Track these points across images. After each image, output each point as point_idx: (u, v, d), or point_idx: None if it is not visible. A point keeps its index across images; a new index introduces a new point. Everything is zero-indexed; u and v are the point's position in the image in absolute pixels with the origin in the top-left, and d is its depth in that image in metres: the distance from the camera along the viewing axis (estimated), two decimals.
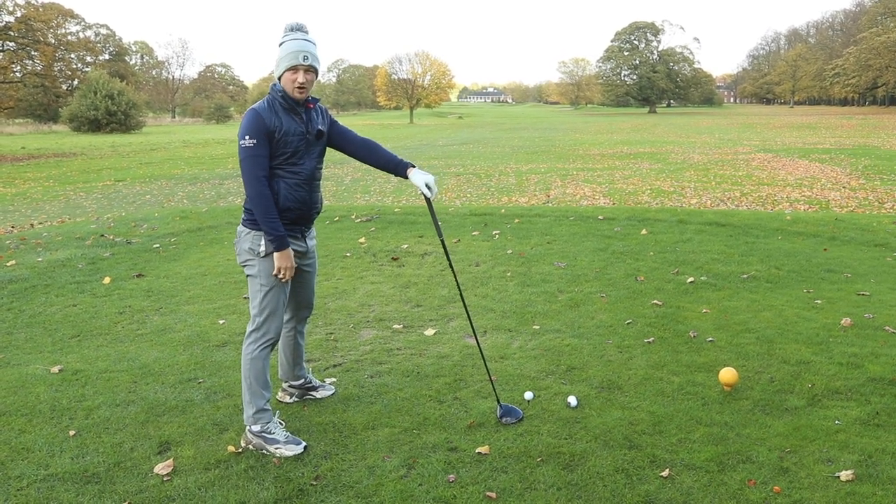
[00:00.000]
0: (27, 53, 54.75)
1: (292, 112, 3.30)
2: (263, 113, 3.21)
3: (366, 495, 2.94)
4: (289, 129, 3.26)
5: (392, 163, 3.52)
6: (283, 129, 3.24)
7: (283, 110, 3.27)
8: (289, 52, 3.23)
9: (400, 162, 3.52)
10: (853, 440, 3.30)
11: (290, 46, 3.23)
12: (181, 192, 16.07)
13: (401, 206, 10.99)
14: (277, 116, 3.24)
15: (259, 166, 3.20)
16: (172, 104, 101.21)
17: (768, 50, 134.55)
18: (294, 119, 3.29)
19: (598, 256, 7.20)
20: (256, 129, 3.18)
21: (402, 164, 3.51)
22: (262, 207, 3.21)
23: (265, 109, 3.23)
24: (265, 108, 3.24)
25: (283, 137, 3.24)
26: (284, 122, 3.25)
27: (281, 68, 3.25)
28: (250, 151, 3.18)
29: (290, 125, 3.26)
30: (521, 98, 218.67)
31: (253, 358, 3.37)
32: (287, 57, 3.22)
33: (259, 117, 3.19)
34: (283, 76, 3.25)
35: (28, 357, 4.64)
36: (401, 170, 3.50)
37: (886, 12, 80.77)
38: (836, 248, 7.49)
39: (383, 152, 3.56)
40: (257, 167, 3.19)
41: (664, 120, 63.89)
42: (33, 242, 8.37)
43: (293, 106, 3.29)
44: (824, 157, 21.47)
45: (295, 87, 3.24)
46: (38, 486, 3.03)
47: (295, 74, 3.23)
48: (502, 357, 4.49)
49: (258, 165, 3.19)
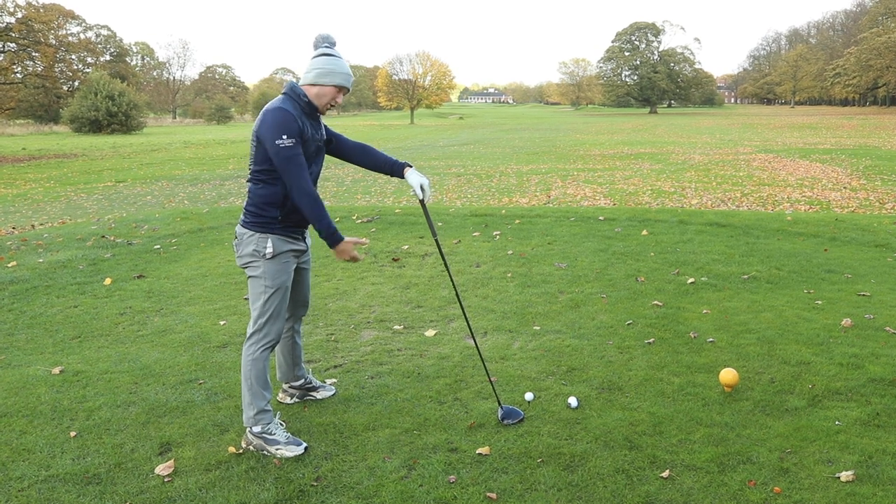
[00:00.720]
0: (28, 54, 54.81)
1: (312, 118, 3.35)
2: (295, 112, 3.23)
3: (366, 496, 2.94)
4: (310, 135, 3.30)
5: (388, 164, 3.58)
6: (308, 134, 3.28)
7: (305, 115, 3.31)
8: (344, 73, 3.31)
9: (395, 162, 3.57)
10: (853, 441, 3.30)
11: (342, 66, 3.32)
12: (182, 193, 16.08)
13: (401, 208, 11.00)
14: (303, 119, 3.27)
15: (303, 166, 3.22)
16: (173, 105, 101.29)
17: (769, 50, 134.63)
18: (313, 125, 3.34)
19: (599, 257, 7.20)
20: (292, 130, 3.18)
21: (397, 164, 3.57)
22: (313, 207, 3.23)
23: (294, 109, 3.25)
24: (293, 108, 3.25)
25: (307, 142, 3.28)
26: (307, 126, 3.29)
27: (328, 81, 3.28)
28: (292, 151, 3.17)
29: (310, 130, 3.31)
30: (522, 99, 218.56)
31: (254, 359, 3.37)
32: (341, 76, 3.30)
33: (293, 118, 3.20)
34: (327, 89, 3.29)
35: (29, 358, 4.64)
36: (397, 169, 3.56)
37: (887, 13, 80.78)
38: (837, 249, 7.49)
39: (378, 154, 3.61)
40: (302, 167, 3.21)
41: (665, 120, 63.88)
42: (34, 243, 8.38)
43: (313, 113, 3.35)
44: (825, 158, 21.47)
45: (330, 103, 3.33)
46: (40, 487, 3.04)
47: (339, 93, 3.33)
48: (503, 358, 4.49)
49: (302, 165, 3.21)
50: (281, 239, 3.34)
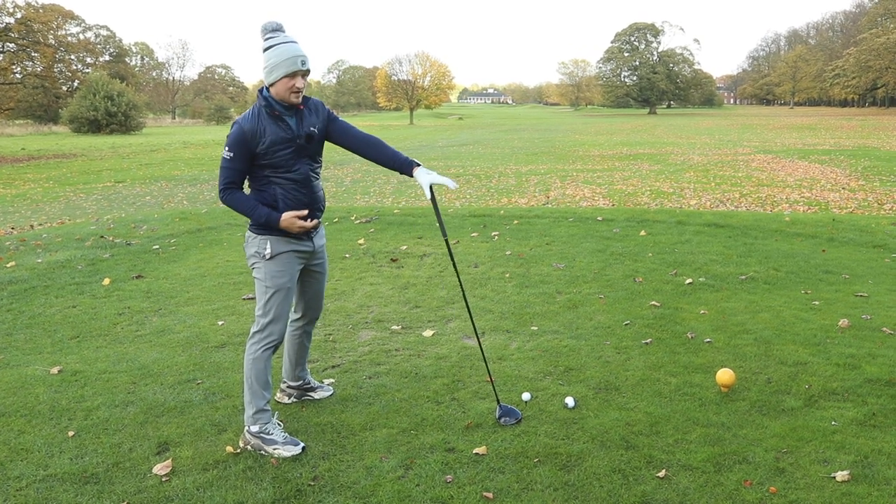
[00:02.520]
0: (27, 55, 54.84)
1: (278, 121, 3.25)
2: (246, 125, 3.20)
3: (363, 496, 2.95)
4: (274, 139, 3.22)
5: (398, 161, 3.41)
6: (268, 140, 3.21)
7: (270, 119, 3.23)
8: (287, 58, 3.16)
9: (405, 160, 3.40)
10: (849, 441, 3.31)
11: (283, 51, 3.17)
12: (181, 194, 16.09)
13: (400, 208, 11.01)
14: (262, 126, 3.21)
15: (227, 178, 3.27)
16: (173, 105, 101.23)
17: (768, 51, 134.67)
18: (280, 127, 3.24)
19: (597, 257, 7.21)
20: (233, 142, 3.22)
21: (407, 162, 3.40)
22: (240, 209, 3.29)
23: (248, 121, 3.22)
24: (249, 119, 3.23)
25: (269, 148, 3.21)
26: (269, 131, 3.21)
27: (277, 74, 3.17)
28: (224, 163, 3.27)
29: (275, 134, 3.22)
30: (521, 99, 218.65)
31: (255, 358, 3.38)
32: (285, 63, 3.15)
33: (241, 130, 3.20)
34: (280, 82, 3.18)
35: (27, 358, 4.65)
36: (406, 168, 3.40)
37: (886, 13, 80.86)
38: (835, 250, 7.50)
39: (388, 149, 3.44)
40: (225, 178, 3.27)
41: (664, 121, 63.91)
42: (33, 244, 8.38)
43: (281, 113, 3.25)
44: (824, 159, 21.49)
45: (292, 93, 3.20)
46: (38, 487, 3.05)
47: (293, 80, 3.18)
48: (500, 358, 4.50)
49: (225, 177, 3.27)
50: (280, 240, 3.34)
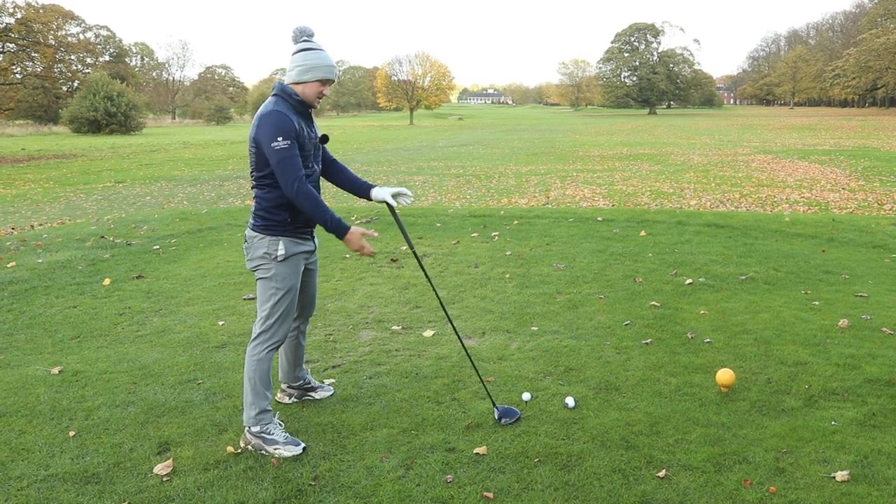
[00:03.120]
0: (27, 55, 54.81)
1: (305, 117, 3.35)
2: (289, 113, 3.23)
3: (364, 496, 2.96)
4: (305, 133, 3.31)
5: (356, 184, 3.67)
6: (304, 133, 3.29)
7: (298, 114, 3.31)
8: (324, 65, 3.28)
9: (363, 184, 3.66)
10: (849, 441, 3.31)
11: (322, 58, 3.28)
12: (181, 194, 16.09)
13: (400, 208, 11.00)
14: (296, 119, 3.27)
15: (298, 167, 3.21)
16: (173, 105, 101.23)
17: (768, 51, 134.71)
18: (305, 124, 3.34)
19: (597, 258, 7.22)
20: (287, 131, 3.18)
21: (364, 185, 3.66)
22: (313, 205, 3.24)
23: (286, 110, 3.25)
24: (285, 109, 3.25)
25: (303, 141, 3.29)
26: (302, 124, 3.29)
27: (313, 75, 3.27)
28: (287, 152, 3.18)
29: (305, 129, 3.31)
30: (521, 99, 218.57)
31: (259, 359, 3.39)
32: (322, 69, 3.27)
33: (288, 118, 3.20)
34: (311, 84, 3.28)
35: (28, 358, 4.65)
36: (363, 191, 3.64)
37: (886, 14, 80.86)
38: (835, 250, 7.51)
39: (349, 174, 3.70)
40: (297, 168, 3.20)
41: (664, 121, 63.91)
42: (33, 244, 8.39)
43: (305, 110, 3.35)
44: (824, 159, 21.49)
45: (317, 98, 3.33)
46: (39, 487, 3.05)
47: (324, 87, 3.32)
48: (500, 358, 4.50)
49: (297, 166, 3.20)
50: (292, 241, 3.37)
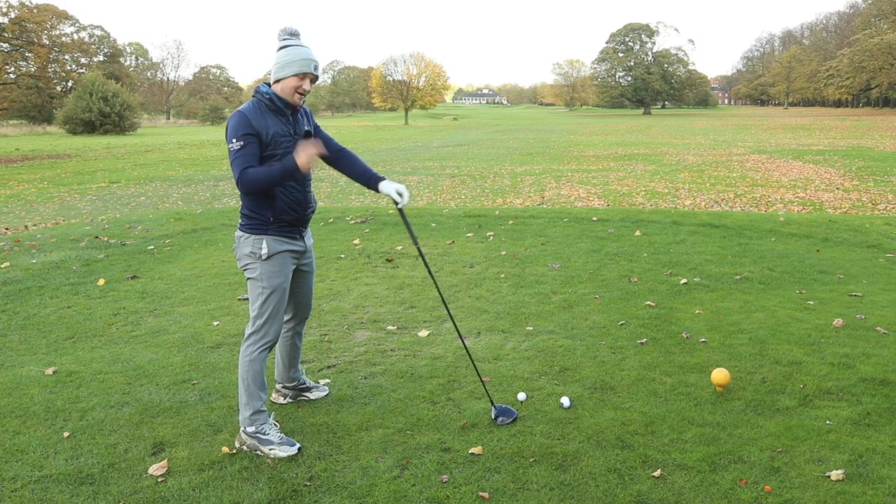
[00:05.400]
0: (21, 55, 54.70)
1: (279, 114, 3.31)
2: (250, 114, 3.22)
3: (359, 496, 2.95)
4: (277, 132, 3.27)
5: (366, 175, 3.60)
6: (272, 132, 3.25)
7: (271, 113, 3.29)
8: (300, 59, 3.25)
9: (373, 175, 3.59)
10: (844, 440, 3.32)
11: (298, 52, 3.26)
12: (176, 194, 16.05)
13: (395, 208, 10.99)
14: (264, 119, 3.24)
15: (241, 164, 3.16)
16: (167, 105, 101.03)
17: (762, 51, 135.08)
18: (281, 121, 3.31)
19: (592, 258, 7.22)
20: (240, 131, 3.17)
21: (374, 177, 3.58)
22: (262, 179, 3.18)
23: (251, 111, 3.24)
24: (251, 109, 3.25)
25: (273, 140, 3.25)
26: (272, 124, 3.26)
27: (287, 72, 3.25)
28: (237, 153, 3.17)
29: (277, 127, 3.27)
30: (516, 99, 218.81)
31: (251, 360, 3.38)
32: (297, 63, 3.24)
33: (245, 118, 3.19)
34: (287, 80, 3.26)
35: (22, 359, 4.63)
36: (373, 183, 3.58)
37: (880, 14, 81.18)
38: (829, 250, 7.53)
39: (359, 164, 3.62)
40: (240, 165, 3.17)
41: (659, 121, 64.04)
42: (27, 244, 8.36)
43: (281, 109, 3.30)
44: (818, 159, 21.57)
45: (297, 93, 3.28)
46: (33, 488, 3.04)
47: (302, 81, 3.27)
48: (496, 358, 4.50)
49: (240, 164, 3.17)
50: (276, 239, 3.35)
